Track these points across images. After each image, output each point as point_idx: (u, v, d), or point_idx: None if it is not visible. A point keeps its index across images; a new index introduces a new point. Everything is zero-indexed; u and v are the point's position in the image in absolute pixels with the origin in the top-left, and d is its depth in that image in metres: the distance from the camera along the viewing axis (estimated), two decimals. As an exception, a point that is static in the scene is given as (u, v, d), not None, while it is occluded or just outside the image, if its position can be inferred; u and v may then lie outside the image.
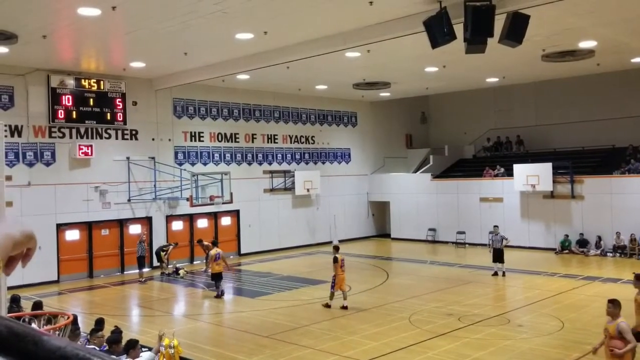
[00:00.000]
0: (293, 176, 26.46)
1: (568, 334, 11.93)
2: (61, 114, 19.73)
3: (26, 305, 12.28)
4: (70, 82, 19.93)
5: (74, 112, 20.03)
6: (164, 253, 20.85)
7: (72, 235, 20.32)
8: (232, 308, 15.98)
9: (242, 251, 24.97)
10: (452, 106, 31.37)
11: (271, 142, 26.46)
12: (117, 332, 8.84)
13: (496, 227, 19.60)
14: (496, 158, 28.52)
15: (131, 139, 21.74)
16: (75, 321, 7.93)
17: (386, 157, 31.16)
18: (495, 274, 18.78)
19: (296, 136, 27.51)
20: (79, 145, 20.03)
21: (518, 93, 28.59)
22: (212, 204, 21.69)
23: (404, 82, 24.32)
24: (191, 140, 23.63)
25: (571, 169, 23.49)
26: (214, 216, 24.13)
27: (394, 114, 31.36)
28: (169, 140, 22.89)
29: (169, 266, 20.79)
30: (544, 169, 23.63)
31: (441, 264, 21.63)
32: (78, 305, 16.57)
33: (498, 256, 18.78)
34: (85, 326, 11.57)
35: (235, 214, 24.84)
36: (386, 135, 31.30)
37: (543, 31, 15.83)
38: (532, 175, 23.84)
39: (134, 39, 15.74)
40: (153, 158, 22.15)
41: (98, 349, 8.11)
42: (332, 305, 14.81)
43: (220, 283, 16.82)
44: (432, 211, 27.70)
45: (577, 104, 26.97)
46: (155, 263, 21.29)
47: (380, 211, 30.52)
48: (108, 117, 20.83)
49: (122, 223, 21.46)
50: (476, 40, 12.37)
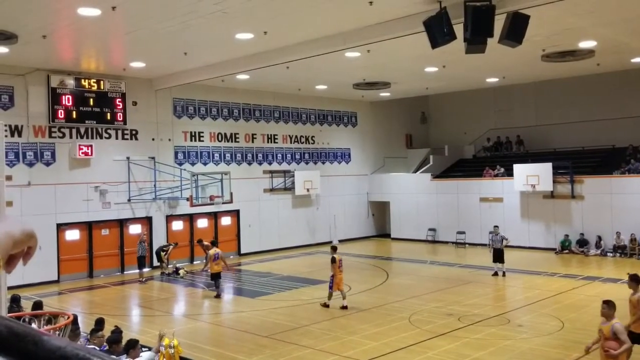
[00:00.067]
0: (293, 176, 26.46)
1: (568, 334, 11.93)
2: (61, 114, 19.73)
3: (26, 305, 12.29)
4: (70, 82, 19.93)
5: (74, 112, 20.04)
6: (164, 253, 20.87)
7: (72, 235, 20.32)
8: (232, 308, 15.99)
9: (242, 251, 24.97)
10: (452, 106, 31.36)
11: (271, 142, 26.46)
12: (117, 332, 8.84)
13: (496, 227, 19.60)
14: (496, 158, 28.51)
15: (131, 139, 21.74)
16: (75, 321, 7.93)
17: (386, 157, 31.16)
18: (495, 274, 18.78)
19: (296, 136, 27.51)
20: (79, 145, 20.04)
21: (518, 93, 28.59)
22: (212, 204, 21.70)
23: (404, 82, 24.31)
24: (191, 140, 23.63)
25: (571, 169, 23.48)
26: (214, 216, 24.13)
27: (394, 114, 31.36)
28: (169, 140, 22.90)
29: (169, 266, 20.80)
30: (544, 169, 23.63)
31: (441, 264, 21.62)
32: (78, 305, 16.57)
33: (498, 256, 18.78)
34: (85, 326, 11.58)
35: (235, 214, 24.85)
36: (386, 135, 31.30)
37: (543, 31, 15.83)
38: (532, 175, 23.83)
39: (134, 39, 15.74)
40: (153, 158, 22.15)
41: (98, 349, 8.11)
42: (331, 305, 14.81)
43: (219, 283, 16.88)
44: (432, 211, 27.70)
45: (577, 104, 26.96)
46: (155, 263, 21.31)
47: (380, 211, 30.52)
48: (108, 117, 20.84)
49: (122, 223, 21.47)
50: (476, 40, 12.37)
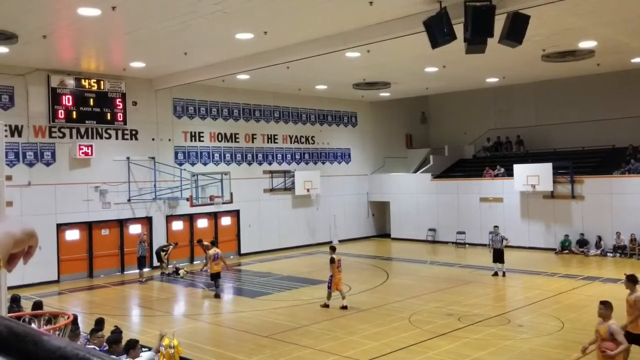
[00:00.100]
0: (293, 176, 26.46)
1: (568, 334, 11.93)
2: (61, 114, 19.73)
3: (26, 305, 12.29)
4: (70, 82, 19.93)
5: (74, 112, 20.04)
6: (164, 253, 20.88)
7: (72, 235, 20.32)
8: (232, 308, 15.99)
9: (242, 251, 24.97)
10: (452, 106, 31.36)
11: (271, 142, 26.46)
12: (117, 332, 8.83)
13: (496, 227, 19.60)
14: (496, 158, 28.51)
15: (131, 139, 21.74)
16: (75, 321, 7.93)
17: (386, 157, 31.16)
18: (495, 274, 18.78)
19: (296, 136, 27.51)
20: (79, 145, 20.04)
21: (518, 93, 28.59)
22: (212, 204, 21.70)
23: (404, 82, 24.31)
24: (191, 140, 23.63)
25: (571, 169, 23.48)
26: (214, 216, 24.13)
27: (394, 114, 31.36)
28: (169, 140, 22.90)
29: (169, 266, 20.80)
30: (544, 169, 23.63)
31: (441, 264, 21.62)
32: (78, 305, 16.57)
33: (498, 256, 18.78)
34: (85, 326, 11.58)
35: (235, 214, 24.84)
36: (386, 135, 31.30)
37: (543, 31, 15.83)
38: (532, 175, 23.83)
39: (134, 39, 15.74)
40: (153, 158, 22.15)
41: (98, 349, 8.11)
42: (331, 305, 14.82)
43: (219, 283, 16.91)
44: (432, 211, 27.69)
45: (577, 104, 26.96)
46: (155, 263, 21.31)
47: (380, 211, 30.52)
48: (108, 117, 20.84)
49: (122, 223, 21.47)
50: (476, 40, 12.37)
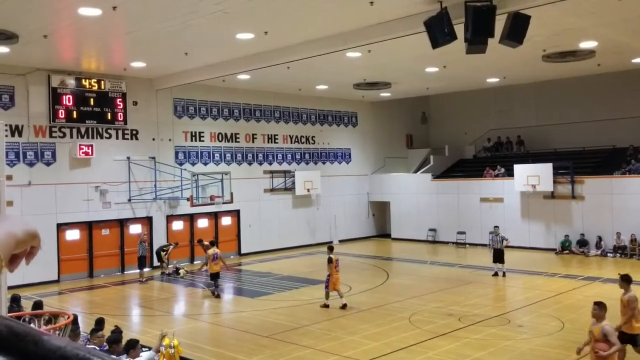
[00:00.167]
0: (293, 176, 26.46)
1: (568, 335, 11.92)
2: (62, 114, 19.74)
3: (26, 305, 12.29)
4: (70, 82, 19.93)
5: (75, 112, 20.04)
6: (164, 253, 20.88)
7: (73, 235, 20.33)
8: (232, 308, 16.00)
9: (243, 251, 24.98)
10: (453, 106, 31.36)
11: (271, 142, 26.46)
12: (117, 332, 8.83)
13: (496, 228, 19.59)
14: (497, 158, 28.50)
15: (132, 139, 21.74)
16: (75, 321, 7.93)
17: (386, 157, 31.15)
18: (495, 275, 18.77)
19: (296, 136, 27.51)
20: (80, 145, 20.04)
21: (518, 93, 28.58)
22: (213, 204, 21.71)
23: (405, 82, 24.31)
24: (191, 140, 23.64)
25: (572, 169, 23.47)
26: (215, 216, 24.13)
27: (395, 114, 31.36)
28: (170, 140, 22.90)
29: (169, 266, 20.80)
30: (545, 169, 23.62)
31: (441, 264, 21.61)
32: (78, 305, 16.58)
33: (498, 256, 18.78)
34: (85, 326, 11.58)
35: (235, 214, 24.85)
36: (387, 135, 31.29)
37: (544, 31, 15.83)
38: (533, 175, 23.82)
39: (135, 39, 15.74)
40: (153, 158, 22.15)
41: (98, 349, 8.11)
42: (331, 305, 14.82)
43: (218, 283, 16.96)
44: (433, 211, 27.69)
45: (578, 104, 26.95)
46: (155, 263, 21.31)
47: (380, 211, 30.52)
48: (108, 117, 20.85)
49: (123, 223, 21.47)
50: (477, 40, 12.37)
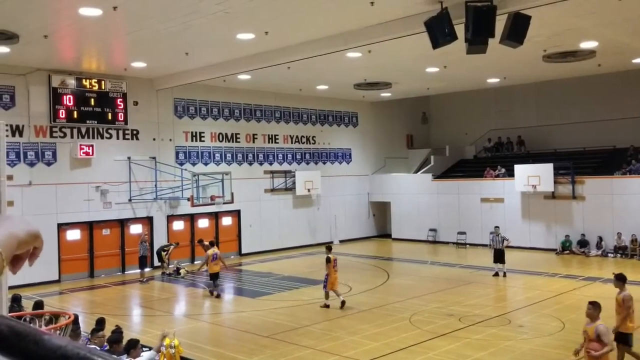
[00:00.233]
0: (294, 176, 26.46)
1: (569, 335, 11.91)
2: (62, 114, 19.75)
3: (27, 304, 12.30)
4: (71, 82, 19.94)
5: (75, 112, 20.05)
6: (165, 253, 20.88)
7: (73, 235, 20.33)
8: (233, 308, 16.00)
9: (243, 251, 24.98)
10: (453, 106, 31.35)
11: (272, 142, 26.46)
12: (118, 332, 8.84)
13: (497, 228, 19.59)
14: (497, 158, 28.49)
15: (132, 139, 21.75)
16: (76, 321, 7.94)
17: (387, 158, 31.15)
18: (496, 275, 18.77)
19: (297, 136, 27.51)
20: (80, 145, 20.05)
21: (519, 93, 28.57)
22: (213, 204, 21.71)
23: (405, 83, 24.31)
24: (192, 140, 23.64)
25: (572, 170, 23.46)
26: (215, 216, 24.13)
27: (395, 114, 31.35)
28: (170, 140, 22.90)
29: (170, 266, 20.81)
30: (545, 170, 23.61)
31: (442, 265, 21.61)
32: (79, 305, 16.58)
33: (499, 257, 18.78)
34: (86, 326, 11.59)
35: (236, 214, 24.85)
36: (387, 135, 31.29)
37: (544, 32, 15.82)
38: (533, 175, 23.82)
39: (135, 39, 15.75)
40: (154, 158, 22.15)
41: (99, 349, 8.12)
42: (331, 305, 14.82)
43: (217, 282, 17.00)
44: (433, 211, 27.68)
45: (578, 105, 26.95)
46: (156, 263, 21.32)
47: (381, 211, 30.51)
48: (109, 117, 20.85)
49: (123, 223, 21.48)
50: (477, 40, 12.37)
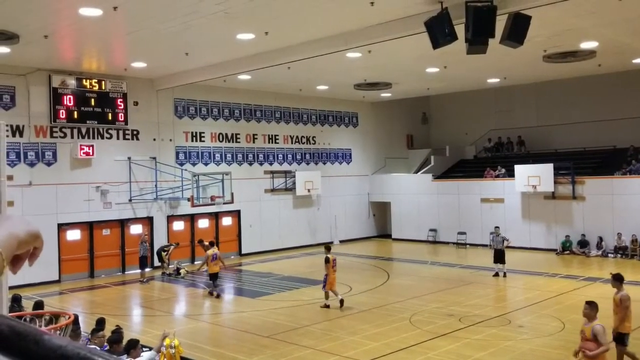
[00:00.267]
0: (294, 176, 26.46)
1: (569, 335, 11.90)
2: (62, 114, 19.75)
3: (27, 305, 12.30)
4: (71, 82, 19.95)
5: (76, 112, 20.05)
6: (165, 253, 20.89)
7: (73, 235, 20.33)
8: (233, 308, 16.00)
9: (243, 251, 24.98)
10: (453, 107, 31.34)
11: (272, 143, 26.47)
12: (118, 332, 8.84)
13: (497, 228, 19.59)
14: (497, 159, 28.49)
15: (132, 139, 21.75)
16: (76, 321, 7.94)
17: (387, 158, 31.15)
18: (496, 275, 18.77)
19: (297, 136, 27.51)
20: (80, 145, 20.05)
21: (519, 94, 28.57)
22: (213, 204, 21.71)
23: (405, 83, 24.31)
24: (192, 140, 23.64)
25: (572, 170, 23.46)
26: (215, 216, 24.13)
27: (395, 115, 31.36)
28: (170, 140, 22.91)
29: (170, 266, 20.81)
30: (545, 170, 23.61)
31: (442, 265, 21.61)
32: (79, 305, 16.58)
33: (499, 257, 18.78)
34: (86, 326, 11.59)
35: (236, 214, 24.85)
36: (387, 135, 31.29)
37: (544, 32, 15.82)
38: (533, 175, 23.81)
39: (136, 39, 15.75)
40: (154, 158, 22.16)
41: (99, 349, 8.12)
42: (331, 305, 14.83)
43: (216, 282, 17.03)
44: (433, 212, 27.68)
45: (578, 105, 26.94)
46: (156, 263, 21.32)
47: (381, 212, 30.51)
48: (109, 117, 20.86)
49: (123, 223, 21.48)
50: (477, 40, 12.37)
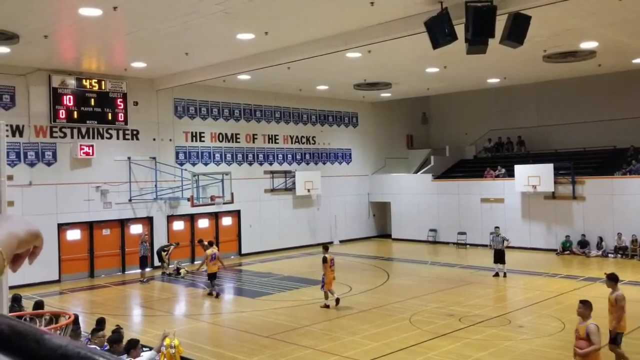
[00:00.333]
0: (294, 176, 26.46)
1: (569, 335, 11.87)
2: (62, 114, 19.75)
3: (27, 304, 12.30)
4: (71, 82, 19.95)
5: (75, 112, 20.06)
6: (165, 253, 20.89)
7: (73, 235, 20.34)
8: (233, 308, 16.00)
9: (243, 251, 24.97)
10: (453, 107, 31.34)
11: (272, 143, 26.47)
12: (118, 332, 8.84)
13: (497, 228, 19.58)
14: (497, 159, 28.49)
15: (132, 139, 21.75)
16: (76, 321, 7.94)
17: (387, 158, 31.15)
18: (496, 275, 18.77)
19: (297, 136, 27.51)
20: (80, 145, 20.05)
21: (519, 94, 28.56)
22: (213, 204, 21.71)
23: (405, 83, 24.31)
24: (192, 140, 23.64)
25: (572, 170, 23.45)
26: (215, 216, 24.13)
27: (395, 115, 31.36)
28: (170, 140, 22.90)
29: (170, 266, 20.82)
30: (545, 170, 23.61)
31: (442, 265, 21.61)
32: (79, 305, 16.58)
33: (499, 257, 18.78)
34: (86, 326, 11.59)
35: (236, 214, 24.85)
36: (387, 135, 31.29)
37: (544, 32, 15.82)
38: (533, 176, 23.81)
39: (135, 39, 15.75)
40: (154, 158, 22.15)
41: (99, 349, 8.12)
42: (331, 305, 14.83)
43: (214, 282, 17.05)
44: (433, 212, 27.68)
45: (578, 105, 26.94)
46: (156, 263, 21.32)
47: (381, 212, 30.51)
48: (109, 117, 20.86)
49: (123, 223, 21.48)
50: (477, 40, 12.37)
